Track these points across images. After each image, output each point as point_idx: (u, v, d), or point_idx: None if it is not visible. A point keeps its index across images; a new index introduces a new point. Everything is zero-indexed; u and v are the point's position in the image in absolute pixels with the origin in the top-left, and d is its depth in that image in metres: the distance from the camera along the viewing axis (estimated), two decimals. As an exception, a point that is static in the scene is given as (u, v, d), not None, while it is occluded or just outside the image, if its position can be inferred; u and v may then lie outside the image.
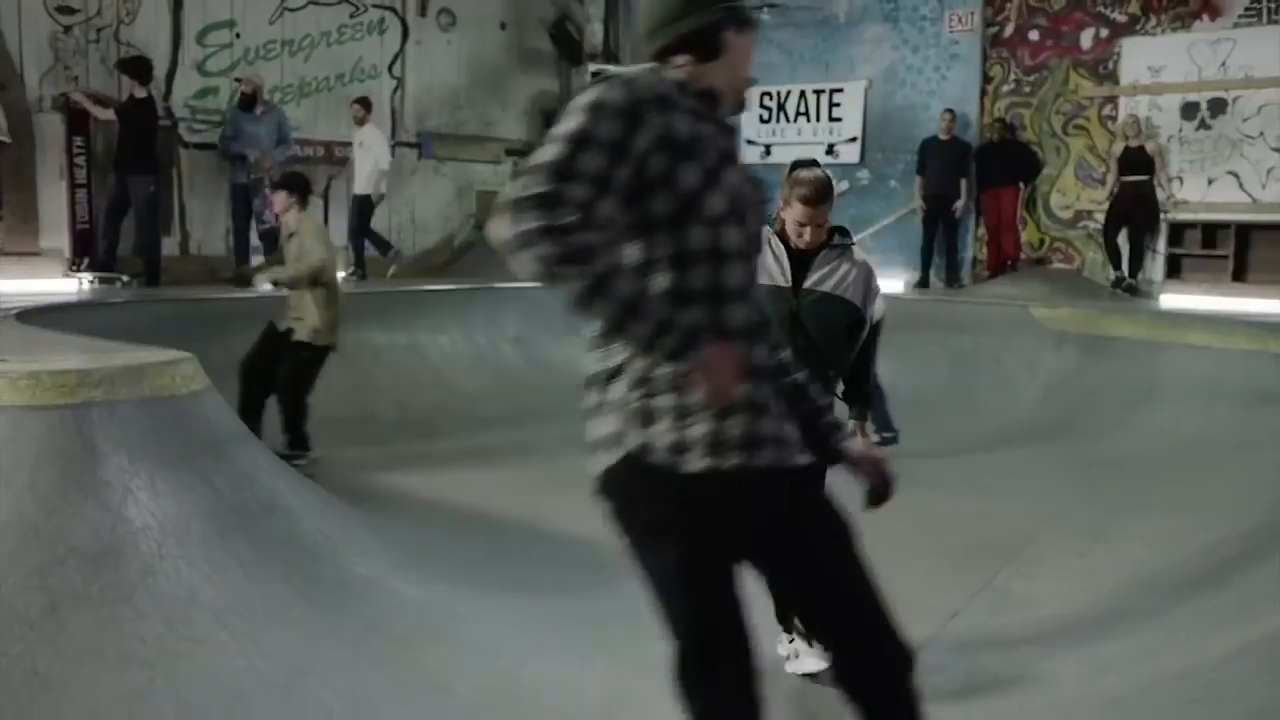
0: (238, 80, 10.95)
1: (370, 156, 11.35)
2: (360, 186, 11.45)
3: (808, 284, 3.84)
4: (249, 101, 10.66)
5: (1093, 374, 9.05)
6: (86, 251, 9.74)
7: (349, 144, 11.71)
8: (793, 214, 3.82)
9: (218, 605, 3.79)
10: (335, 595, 4.21)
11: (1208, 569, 4.86)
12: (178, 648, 3.58)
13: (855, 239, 4.19)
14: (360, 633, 4.03)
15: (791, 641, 4.08)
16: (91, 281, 9.49)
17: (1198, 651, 3.74)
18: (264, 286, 8.22)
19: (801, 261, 3.87)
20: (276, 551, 4.21)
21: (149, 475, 4.01)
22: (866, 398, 4.16)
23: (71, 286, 9.55)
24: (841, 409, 4.10)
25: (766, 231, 3.93)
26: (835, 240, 3.92)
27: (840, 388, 4.12)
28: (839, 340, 3.90)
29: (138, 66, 9.69)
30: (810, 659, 3.98)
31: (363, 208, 11.46)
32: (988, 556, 5.64)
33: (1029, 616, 4.79)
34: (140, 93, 9.60)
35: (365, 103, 11.50)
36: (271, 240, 10.72)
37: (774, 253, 3.88)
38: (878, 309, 4.06)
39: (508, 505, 6.40)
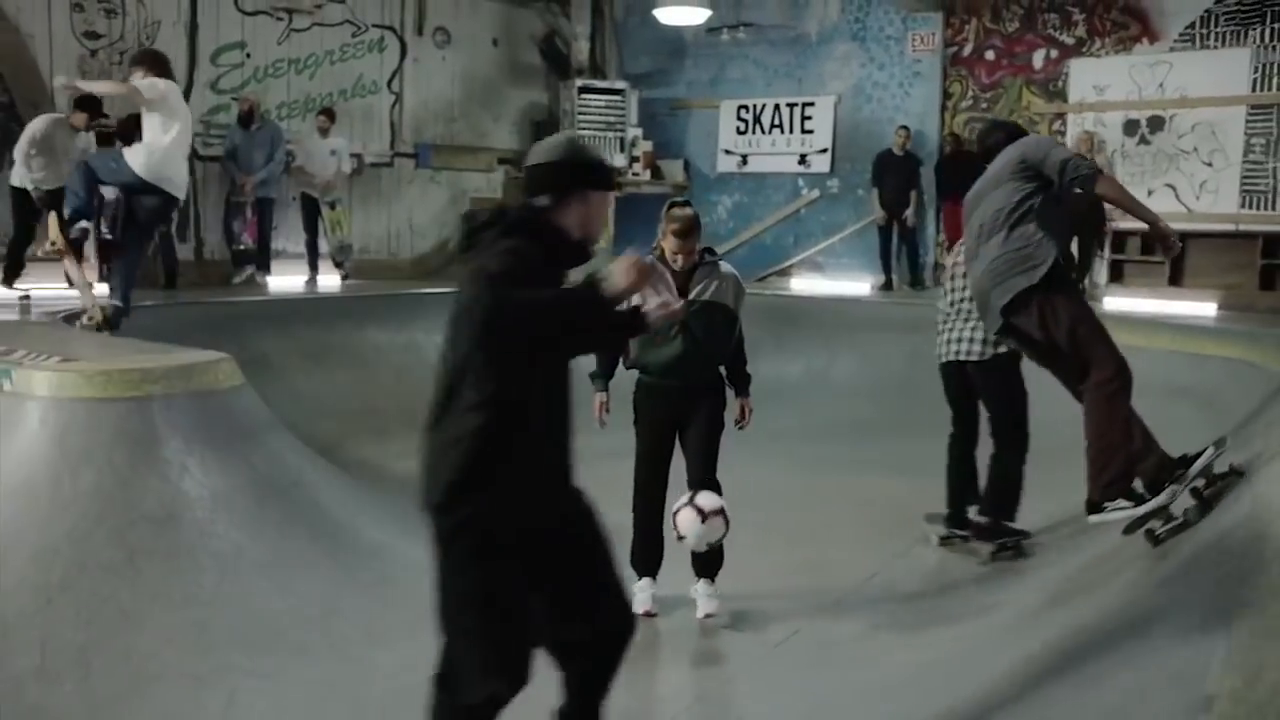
0: (235, 99, 11.72)
1: (336, 163, 12.07)
2: (322, 192, 12.07)
3: (690, 296, 4.77)
4: (247, 118, 11.44)
5: (1030, 369, 9.88)
6: (109, 259, 10.55)
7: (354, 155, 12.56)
8: (668, 245, 4.79)
9: (259, 559, 4.69)
10: (352, 553, 5.11)
11: (1073, 538, 5.74)
12: (229, 591, 4.48)
13: (822, 245, 5.27)
14: (373, 582, 4.92)
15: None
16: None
17: (1038, 598, 4.64)
18: None
19: (680, 277, 4.78)
20: (304, 517, 5.11)
21: (200, 455, 4.90)
22: (747, 379, 5.17)
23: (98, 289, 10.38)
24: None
25: (652, 257, 4.83)
26: (706, 259, 4.84)
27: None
28: (720, 337, 4.87)
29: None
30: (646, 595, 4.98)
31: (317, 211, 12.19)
32: (911, 529, 6.52)
33: (933, 577, 5.68)
34: None
35: (331, 113, 12.19)
36: (245, 260, 11.53)
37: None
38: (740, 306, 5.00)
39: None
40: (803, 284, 13.64)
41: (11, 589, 4.20)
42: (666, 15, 13.51)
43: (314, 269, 12.05)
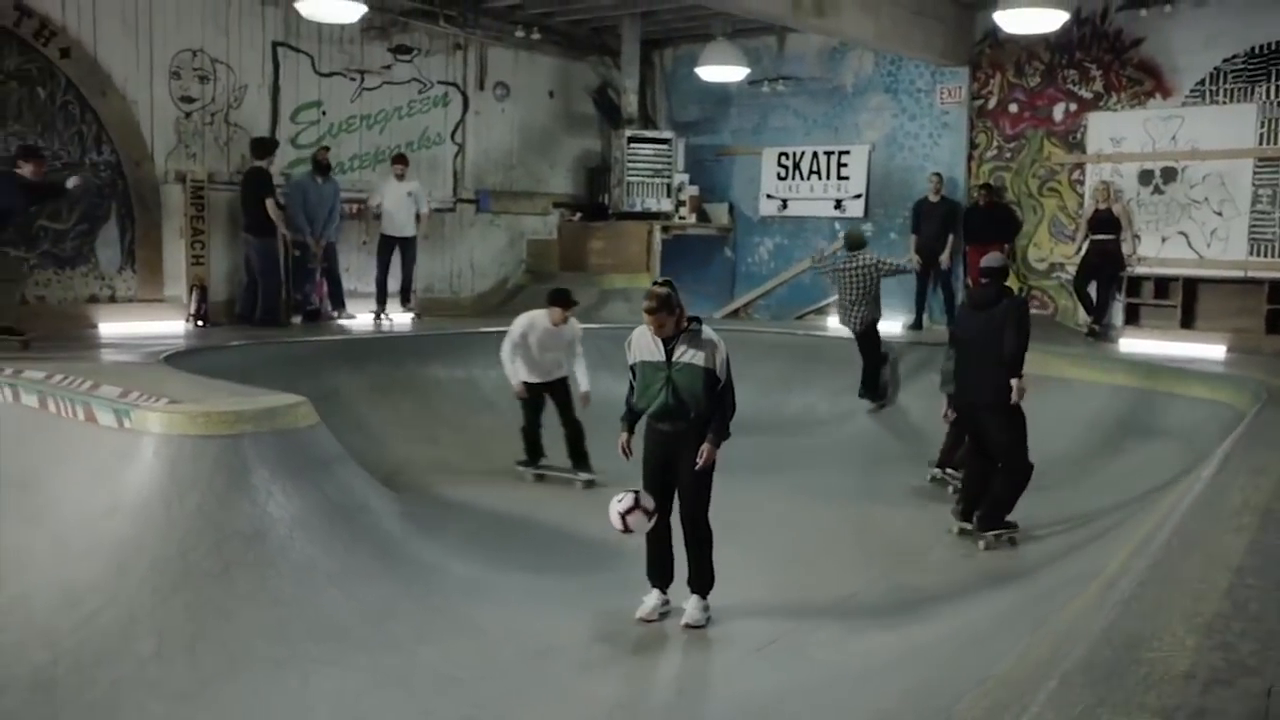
0: (325, 148, 12.80)
1: (414, 204, 13.17)
2: (409, 230, 13.20)
3: (674, 358, 5.69)
4: (323, 169, 12.53)
5: (1034, 406, 10.57)
6: (204, 299, 11.80)
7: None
8: (645, 318, 5.69)
9: (330, 570, 5.70)
10: (407, 568, 6.10)
11: (1031, 566, 6.54)
12: (305, 596, 5.49)
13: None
14: (425, 593, 5.91)
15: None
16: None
17: (987, 616, 5.47)
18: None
19: (669, 343, 5.72)
20: (367, 537, 6.12)
21: (282, 483, 5.94)
22: (721, 429, 5.85)
23: (184, 327, 11.59)
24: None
25: (643, 326, 5.74)
26: (691, 327, 5.74)
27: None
28: (698, 393, 5.72)
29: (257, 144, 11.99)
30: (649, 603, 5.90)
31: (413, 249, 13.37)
32: (897, 555, 7.36)
33: (908, 598, 6.50)
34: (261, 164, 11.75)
35: (404, 159, 13.28)
36: (314, 316, 12.56)
37: (652, 338, 5.73)
38: (721, 368, 5.81)
39: (535, 511, 8.25)
40: (838, 322, 14.46)
41: (135, 589, 5.25)
42: (708, 73, 14.50)
43: (381, 304, 13.12)
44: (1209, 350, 11.70)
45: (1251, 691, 2.51)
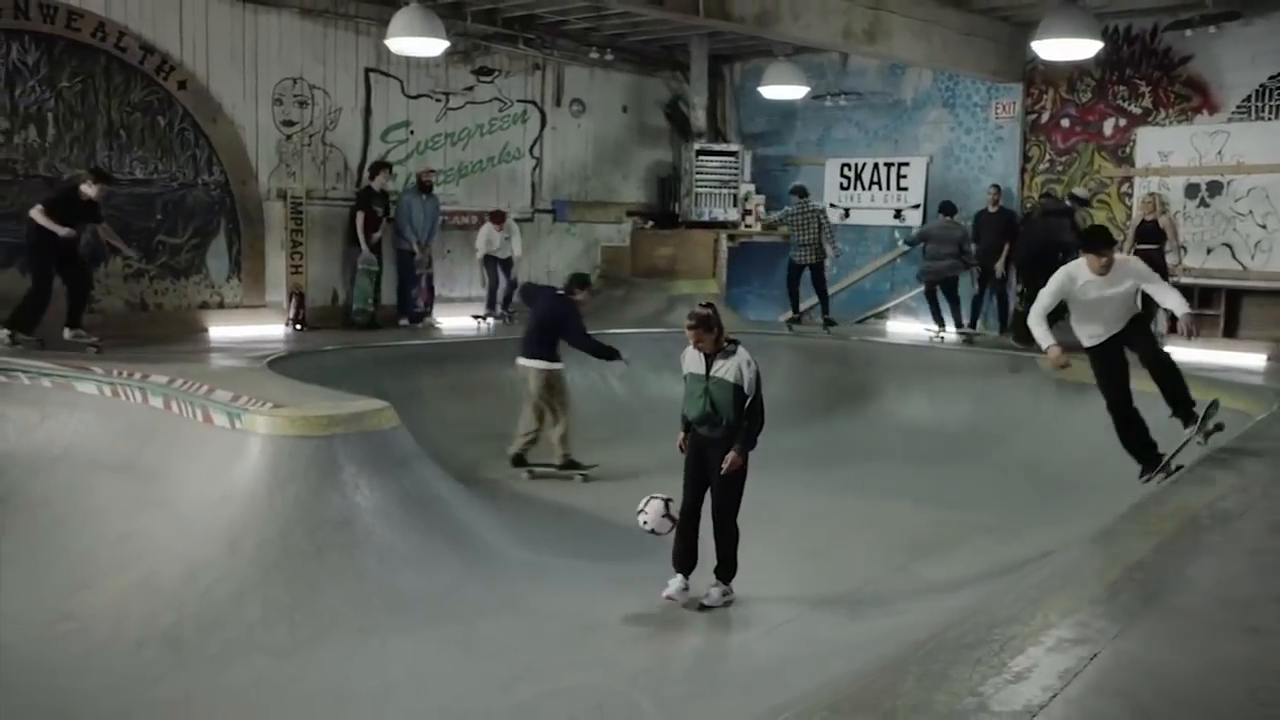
0: (431, 170, 13.98)
1: (511, 242, 14.14)
2: (508, 254, 14.19)
3: (711, 372, 6.53)
4: (426, 187, 13.70)
5: (1072, 413, 11.17)
6: (301, 305, 12.95)
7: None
8: (686, 334, 6.53)
9: (405, 553, 6.68)
10: (472, 552, 7.06)
11: (1029, 560, 7.23)
12: (385, 574, 6.48)
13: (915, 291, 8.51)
14: (487, 575, 6.85)
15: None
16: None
17: (971, 603, 6.21)
18: None
19: (709, 358, 6.56)
20: (439, 525, 7.09)
21: (367, 478, 6.94)
22: (748, 439, 6.65)
23: (284, 331, 12.75)
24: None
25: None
26: (727, 346, 6.58)
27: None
28: (729, 404, 6.52)
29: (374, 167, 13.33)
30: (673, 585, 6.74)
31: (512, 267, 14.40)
32: (914, 549, 8.09)
33: (917, 588, 7.26)
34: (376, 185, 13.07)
35: (503, 216, 14.10)
36: (418, 318, 13.65)
37: (697, 353, 6.57)
38: (749, 385, 6.61)
39: (592, 502, 9.15)
40: (896, 326, 15.18)
41: (244, 566, 6.30)
42: (770, 91, 15.30)
43: (490, 308, 14.18)
44: (1250, 359, 12.09)
45: (1078, 655, 3.30)
